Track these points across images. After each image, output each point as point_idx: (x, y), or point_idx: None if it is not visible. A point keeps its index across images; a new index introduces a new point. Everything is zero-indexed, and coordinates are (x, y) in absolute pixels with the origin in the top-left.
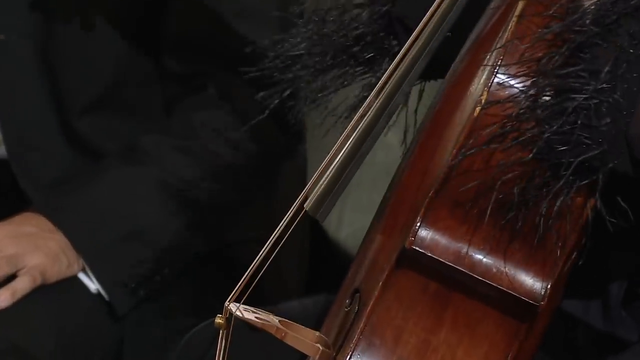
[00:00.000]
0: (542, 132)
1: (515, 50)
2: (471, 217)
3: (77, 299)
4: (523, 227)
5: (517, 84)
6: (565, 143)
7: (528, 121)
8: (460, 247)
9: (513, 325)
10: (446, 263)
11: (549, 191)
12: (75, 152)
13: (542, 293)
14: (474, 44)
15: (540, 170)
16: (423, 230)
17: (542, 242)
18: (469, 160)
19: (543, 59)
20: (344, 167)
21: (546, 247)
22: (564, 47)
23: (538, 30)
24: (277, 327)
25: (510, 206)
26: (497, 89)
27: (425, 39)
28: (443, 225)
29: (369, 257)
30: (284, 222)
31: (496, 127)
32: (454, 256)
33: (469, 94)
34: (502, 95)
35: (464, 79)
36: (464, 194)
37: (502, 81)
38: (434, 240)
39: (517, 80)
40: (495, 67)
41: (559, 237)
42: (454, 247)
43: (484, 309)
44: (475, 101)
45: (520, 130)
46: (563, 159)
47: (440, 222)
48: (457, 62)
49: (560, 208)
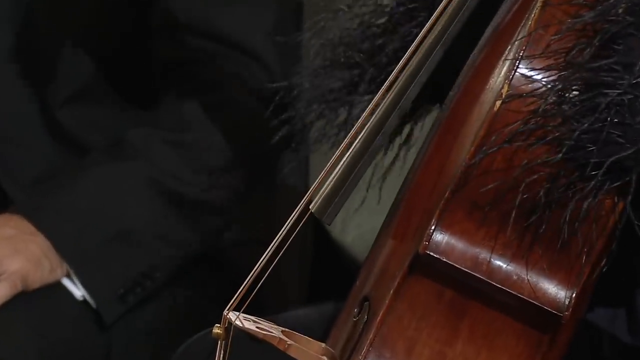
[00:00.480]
0: (570, 130)
1: (539, 40)
2: (490, 220)
3: (61, 307)
4: (546, 232)
5: (541, 77)
6: (595, 142)
7: (554, 118)
8: (478, 253)
9: (534, 337)
10: (463, 269)
11: (576, 193)
12: (59, 146)
13: (566, 302)
14: (494, 33)
15: (567, 171)
16: (438, 233)
17: (567, 247)
18: (488, 159)
19: (571, 51)
20: (354, 163)
21: (571, 253)
22: (596, 38)
23: (565, 18)
24: (280, 338)
25: (533, 209)
26: (519, 82)
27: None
28: (460, 229)
29: (379, 263)
30: (287, 224)
31: (519, 124)
32: (471, 262)
33: (489, 87)
34: (525, 89)
35: (484, 71)
36: (483, 195)
37: (525, 74)
38: (449, 244)
39: (542, 73)
40: (518, 59)
41: (585, 243)
42: (471, 253)
43: (503, 319)
44: (495, 95)
45: (546, 128)
46: (593, 159)
47: (457, 225)
48: (475, 52)
49: (587, 211)
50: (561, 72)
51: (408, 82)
